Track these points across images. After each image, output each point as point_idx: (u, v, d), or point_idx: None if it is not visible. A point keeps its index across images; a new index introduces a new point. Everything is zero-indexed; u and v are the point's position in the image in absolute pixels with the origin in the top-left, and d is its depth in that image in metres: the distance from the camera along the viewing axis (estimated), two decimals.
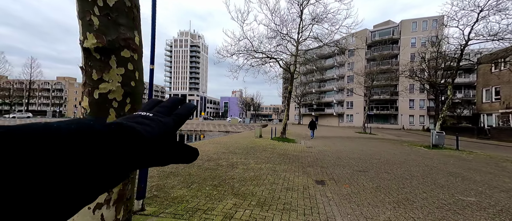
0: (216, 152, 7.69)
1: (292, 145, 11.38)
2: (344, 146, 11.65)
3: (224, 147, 9.26)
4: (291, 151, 9.34)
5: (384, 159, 7.90)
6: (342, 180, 4.98)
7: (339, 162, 7.07)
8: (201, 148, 8.54)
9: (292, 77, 14.12)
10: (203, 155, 6.95)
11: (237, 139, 13.30)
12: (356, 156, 8.36)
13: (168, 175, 4.35)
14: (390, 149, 10.75)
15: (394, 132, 29.35)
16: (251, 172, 5.16)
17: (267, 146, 10.47)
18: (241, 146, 9.94)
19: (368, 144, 13.29)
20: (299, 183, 4.58)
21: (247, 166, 5.77)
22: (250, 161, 6.42)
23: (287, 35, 13.37)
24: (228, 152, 8.01)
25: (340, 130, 29.27)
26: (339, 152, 9.48)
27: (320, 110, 50.85)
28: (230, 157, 6.87)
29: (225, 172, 4.92)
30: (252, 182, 4.31)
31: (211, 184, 3.94)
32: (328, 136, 18.85)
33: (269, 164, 6.20)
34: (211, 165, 5.55)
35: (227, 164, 5.83)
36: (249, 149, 8.97)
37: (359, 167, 6.43)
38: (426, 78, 18.85)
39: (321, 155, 8.43)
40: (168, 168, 4.84)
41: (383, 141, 15.76)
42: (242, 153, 7.82)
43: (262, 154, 7.99)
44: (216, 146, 9.50)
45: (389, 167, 6.51)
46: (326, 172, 5.71)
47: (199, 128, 32.40)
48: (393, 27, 39.89)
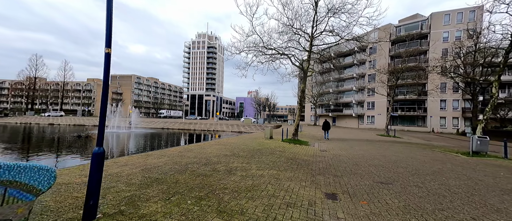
0: (217, 155, 7.13)
1: (304, 148, 10.46)
2: (363, 150, 10.44)
3: (228, 149, 8.68)
4: (301, 154, 8.46)
5: (412, 167, 6.70)
6: (359, 194, 4.08)
7: (356, 170, 6.08)
8: (203, 150, 8.05)
9: (305, 74, 13.14)
10: (202, 158, 6.42)
11: (245, 140, 12.68)
12: (377, 163, 7.24)
13: (151, 183, 3.83)
14: (419, 156, 9.34)
15: (422, 135, 26.61)
16: (249, 180, 4.47)
17: (275, 148, 9.70)
18: (248, 148, 9.29)
19: (391, 148, 11.84)
20: (304, 196, 3.79)
21: (247, 172, 5.09)
22: (252, 167, 5.73)
23: (300, 29, 12.45)
24: (231, 154, 7.40)
25: (360, 132, 27.30)
26: (356, 157, 8.39)
27: (338, 111, 48.38)
28: (230, 161, 6.24)
29: (219, 180, 4.29)
30: (247, 194, 3.62)
31: (196, 196, 3.33)
32: (345, 139, 17.44)
33: (273, 171, 5.46)
34: (205, 171, 4.96)
35: (225, 169, 5.21)
36: (255, 152, 8.28)
37: (380, 177, 5.41)
38: (461, 74, 16.55)
39: (336, 161, 7.45)
40: (154, 174, 4.35)
41: (409, 145, 14.06)
42: (246, 157, 7.16)
43: (268, 158, 7.25)
44: (221, 147, 8.96)
45: (420, 178, 5.39)
46: (339, 182, 4.82)
47: (212, 128, 32.46)
48: (421, 21, 36.45)
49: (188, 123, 37.48)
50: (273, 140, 12.91)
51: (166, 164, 5.28)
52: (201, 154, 7.03)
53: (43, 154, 11.20)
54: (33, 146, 14.40)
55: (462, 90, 26.13)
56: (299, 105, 13.24)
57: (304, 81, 13.19)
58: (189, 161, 5.80)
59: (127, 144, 15.07)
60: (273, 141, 12.71)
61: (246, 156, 7.24)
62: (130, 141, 16.56)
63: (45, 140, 16.93)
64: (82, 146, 13.86)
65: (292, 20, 11.80)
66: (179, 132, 27.99)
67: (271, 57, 12.23)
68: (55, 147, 13.91)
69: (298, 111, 13.28)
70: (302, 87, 13.09)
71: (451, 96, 32.62)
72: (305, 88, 13.15)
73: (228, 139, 12.94)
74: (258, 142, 11.95)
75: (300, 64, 12.89)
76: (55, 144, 15.29)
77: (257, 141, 12.20)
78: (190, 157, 6.46)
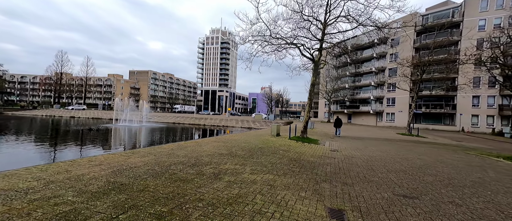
0: (211, 154, 6.42)
1: (312, 148, 9.44)
2: (381, 151, 9.18)
3: (227, 146, 7.97)
4: (307, 155, 7.50)
5: (444, 175, 5.49)
6: (374, 212, 3.12)
7: (371, 177, 5.04)
8: (199, 148, 7.40)
9: (317, 67, 11.95)
10: (192, 157, 5.75)
11: (250, 137, 11.91)
12: (398, 168, 6.09)
13: (110, 191, 3.18)
14: (450, 160, 7.92)
15: (450, 135, 24.01)
16: (235, 188, 3.68)
17: (280, 147, 8.81)
18: (249, 146, 8.50)
19: (415, 150, 10.39)
20: (300, 213, 2.92)
21: (237, 177, 4.30)
22: (246, 169, 4.94)
23: (311, 16, 11.24)
24: (227, 153, 6.66)
25: (378, 131, 25.34)
26: (373, 159, 7.24)
27: (354, 108, 45.79)
28: (223, 162, 5.50)
29: (198, 188, 3.56)
30: (225, 210, 2.84)
31: (156, 212, 2.61)
32: (361, 137, 15.99)
33: (269, 175, 4.62)
34: (188, 174, 4.26)
35: (212, 172, 4.47)
36: (255, 151, 7.47)
37: (403, 187, 4.34)
38: (503, 64, 14.16)
39: (347, 163, 6.41)
40: (123, 178, 3.72)
41: (437, 146, 12.38)
42: (243, 157, 6.38)
43: (268, 158, 6.41)
44: (219, 145, 8.27)
45: (456, 192, 4.24)
46: (349, 193, 3.86)
47: (222, 124, 32.18)
48: (453, 8, 32.68)
49: (199, 118, 37.61)
50: (279, 138, 12.00)
51: (146, 165, 4.65)
52: (193, 153, 6.37)
53: (42, 145, 11.37)
54: (41, 137, 14.89)
55: (501, 84, 22.98)
56: (309, 100, 12.13)
57: (315, 74, 12.01)
58: (174, 161, 5.15)
59: (130, 139, 15.00)
60: (279, 138, 11.80)
61: (244, 156, 6.46)
62: (134, 136, 16.54)
63: (59, 132, 17.56)
64: (90, 139, 14.05)
65: (302, 5, 10.63)
66: (188, 127, 28.03)
67: (277, 47, 11.20)
68: (63, 138, 14.23)
69: (307, 106, 12.19)
70: (312, 80, 11.93)
71: (486, 92, 29.06)
72: (315, 81, 11.98)
73: (231, 136, 12.27)
74: (262, 139, 11.13)
75: (311, 54, 11.70)
76: (64, 135, 15.71)
77: (262, 139, 11.38)
78: (179, 156, 5.82)
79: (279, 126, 13.38)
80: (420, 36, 34.98)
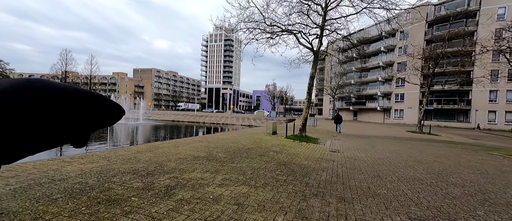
0: (183, 158, 5.39)
1: (310, 148, 8.29)
2: (390, 152, 7.93)
3: (208, 148, 6.92)
4: (302, 157, 6.37)
5: (473, 186, 4.25)
6: None
7: (378, 188, 3.88)
8: (173, 149, 6.39)
9: (317, 57, 10.70)
10: (154, 163, 4.72)
11: (242, 136, 10.85)
12: (411, 175, 4.89)
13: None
14: (474, 163, 6.61)
15: (465, 132, 22.25)
16: (183, 212, 2.62)
17: (272, 147, 7.71)
18: (235, 147, 7.44)
19: (429, 150, 9.07)
20: None
21: (197, 192, 3.24)
22: (216, 179, 3.87)
23: (311, 0, 9.97)
24: (204, 157, 5.62)
25: (385, 128, 23.82)
26: (380, 163, 6.05)
27: (360, 104, 43.98)
28: (191, 169, 4.45)
29: (125, 214, 2.51)
30: None
31: None
32: (366, 135, 14.66)
33: (243, 187, 3.54)
34: (128, 189, 3.22)
35: (166, 186, 3.41)
36: (240, 153, 6.40)
37: (422, 206, 3.17)
38: None
39: (348, 168, 5.25)
40: (17, 200, 2.71)
41: (453, 146, 10.97)
42: (221, 161, 5.32)
43: (252, 163, 5.32)
44: (200, 145, 7.23)
45: (499, 213, 3.04)
46: (346, 215, 2.74)
47: (222, 121, 31.29)
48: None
49: (200, 116, 36.87)
50: (274, 137, 10.88)
51: (81, 175, 3.65)
52: (161, 156, 5.35)
53: None
54: None
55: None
56: (308, 95, 10.91)
57: (315, 65, 10.76)
58: (126, 169, 4.13)
59: (109, 139, 13.93)
60: (274, 137, 10.68)
61: (223, 160, 5.40)
62: (117, 135, 15.48)
63: None
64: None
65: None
66: (185, 125, 27.24)
67: (271, 35, 10.01)
68: None
69: (306, 102, 10.99)
70: (312, 72, 10.70)
71: (505, 86, 26.91)
72: (315, 73, 10.74)
73: (222, 135, 11.25)
74: (255, 138, 10.04)
75: (309, 43, 10.45)
76: None
77: (255, 138, 10.29)
78: (140, 161, 4.81)
79: (275, 123, 12.24)
80: (431, 28, 32.88)
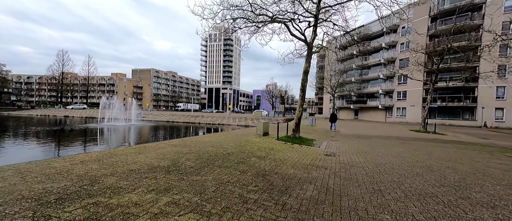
0: (137, 169, 4.40)
1: (302, 151, 7.27)
2: (393, 156, 6.89)
3: (178, 154, 5.93)
4: (289, 164, 5.36)
5: (504, 204, 3.20)
6: None
7: (379, 210, 2.87)
8: (131, 158, 5.40)
9: (310, 49, 9.66)
10: (88, 178, 3.73)
11: (228, 138, 9.85)
12: (421, 187, 3.86)
13: None
14: (494, 169, 5.54)
15: (471, 131, 21.08)
16: None
17: (256, 152, 6.70)
18: (213, 152, 6.45)
19: (437, 152, 8.00)
20: None
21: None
22: (156, 205, 2.87)
23: None
24: (165, 167, 4.63)
25: (387, 127, 22.71)
26: (381, 170, 5.02)
27: (361, 103, 42.78)
28: (132, 187, 3.46)
29: None
30: None
31: None
32: (367, 136, 13.59)
33: (190, 217, 2.54)
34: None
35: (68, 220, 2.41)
36: (213, 160, 5.40)
37: None
38: None
39: (342, 179, 4.23)
40: None
41: (464, 147, 9.87)
42: (184, 172, 4.33)
43: (221, 174, 4.32)
44: (170, 151, 6.24)
45: None
46: None
47: (218, 121, 30.31)
48: None
49: (196, 116, 35.93)
50: (264, 138, 9.87)
51: None
52: (107, 168, 4.36)
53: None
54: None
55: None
56: (302, 92, 9.88)
57: (308, 59, 9.73)
58: (32, 193, 3.13)
59: (82, 142, 12.84)
60: (264, 139, 9.67)
61: (186, 171, 4.40)
62: (94, 137, 14.37)
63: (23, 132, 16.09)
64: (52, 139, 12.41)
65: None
66: (180, 126, 26.29)
67: (257, 24, 8.97)
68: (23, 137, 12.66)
69: (300, 99, 9.95)
70: (305, 67, 9.65)
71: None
72: (309, 68, 9.69)
73: (205, 137, 10.25)
74: (242, 140, 9.04)
75: (302, 33, 9.39)
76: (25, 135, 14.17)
77: (242, 140, 9.29)
78: (70, 176, 3.81)
79: (267, 124, 11.22)
80: (435, 22, 31.64)
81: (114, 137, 14.50)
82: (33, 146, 10.81)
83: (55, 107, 57.09)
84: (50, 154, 8.82)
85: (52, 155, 8.76)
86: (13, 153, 8.99)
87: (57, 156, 8.47)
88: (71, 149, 10.26)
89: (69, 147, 11.03)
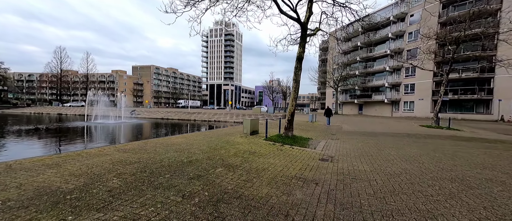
0: (20, 195, 2.92)
1: (291, 155, 5.71)
2: (407, 161, 5.27)
3: (117, 164, 4.46)
4: (264, 181, 3.82)
5: None
6: None
7: None
8: (44, 171, 3.94)
9: (305, 31, 8.00)
10: None
11: (206, 138, 8.36)
12: (467, 214, 2.29)
13: None
14: None
15: (488, 125, 19.13)
16: None
17: (230, 158, 5.17)
18: (170, 160, 4.96)
19: (462, 154, 6.35)
20: None
21: None
22: None
23: None
24: (73, 189, 3.17)
25: (395, 123, 20.90)
26: (396, 185, 3.44)
27: (366, 97, 40.70)
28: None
29: None
30: None
31: None
32: (373, 133, 11.91)
33: None
34: None
35: None
36: (158, 175, 3.91)
37: None
38: None
39: (338, 205, 2.67)
40: None
41: (491, 146, 8.14)
42: (89, 203, 2.86)
43: (148, 203, 2.82)
44: (110, 160, 4.77)
45: None
46: None
47: (214, 118, 28.90)
48: None
49: (192, 113, 34.61)
50: (251, 138, 8.34)
51: None
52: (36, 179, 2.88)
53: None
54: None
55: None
56: (295, 82, 8.26)
57: (302, 43, 8.07)
58: None
59: (44, 144, 11.28)
60: (250, 139, 8.13)
61: (92, 204, 2.91)
62: (59, 138, 12.49)
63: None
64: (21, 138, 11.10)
65: None
66: (171, 124, 24.96)
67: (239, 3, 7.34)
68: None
69: (293, 92, 8.34)
70: (299, 52, 8.01)
71: None
72: (303, 53, 8.05)
73: (175, 138, 8.75)
74: (221, 141, 7.53)
75: (294, 9, 7.70)
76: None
77: (223, 140, 7.78)
78: None
79: (256, 121, 9.67)
80: (446, 9, 29.21)
81: (75, 138, 12.34)
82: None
83: (52, 105, 56.60)
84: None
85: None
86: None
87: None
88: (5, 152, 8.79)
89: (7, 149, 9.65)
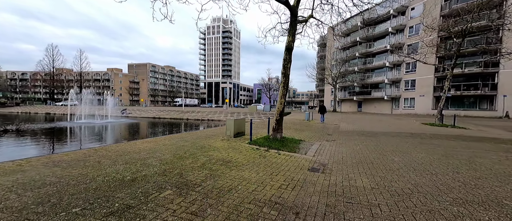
0: None
1: (274, 165, 4.61)
2: (416, 171, 4.18)
3: (34, 187, 3.34)
4: (231, 205, 2.70)
5: None
6: None
7: None
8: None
9: (295, 17, 6.86)
10: None
11: (180, 141, 7.24)
12: None
13: None
14: None
15: (493, 123, 18.11)
16: None
17: (192, 172, 4.07)
18: (113, 176, 3.85)
19: (480, 160, 5.27)
20: None
21: None
22: None
23: None
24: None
25: (395, 121, 19.86)
26: (407, 208, 2.36)
27: (365, 94, 39.63)
28: None
29: None
30: None
31: None
32: (373, 132, 10.82)
33: None
34: None
35: None
36: (71, 206, 2.79)
37: None
38: None
39: None
40: None
41: (510, 147, 7.07)
42: None
43: None
44: (38, 177, 3.65)
45: None
46: None
47: (208, 117, 27.79)
48: None
49: (186, 111, 33.48)
50: (232, 142, 7.22)
51: None
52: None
53: None
54: None
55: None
56: (284, 77, 7.13)
57: (292, 30, 6.94)
58: None
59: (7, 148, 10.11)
60: (231, 143, 7.02)
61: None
62: (24, 141, 11.04)
63: None
64: None
65: None
66: (163, 123, 23.81)
67: None
68: None
69: (281, 87, 7.22)
70: (288, 42, 6.88)
71: None
72: (292, 43, 6.92)
73: (141, 143, 7.63)
74: (195, 146, 6.42)
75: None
76: None
77: (198, 144, 6.67)
78: None
79: (241, 121, 8.56)
80: (449, 1, 28.03)
81: (37, 141, 10.78)
82: None
83: (45, 104, 55.24)
84: None
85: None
86: None
87: None
88: None
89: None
